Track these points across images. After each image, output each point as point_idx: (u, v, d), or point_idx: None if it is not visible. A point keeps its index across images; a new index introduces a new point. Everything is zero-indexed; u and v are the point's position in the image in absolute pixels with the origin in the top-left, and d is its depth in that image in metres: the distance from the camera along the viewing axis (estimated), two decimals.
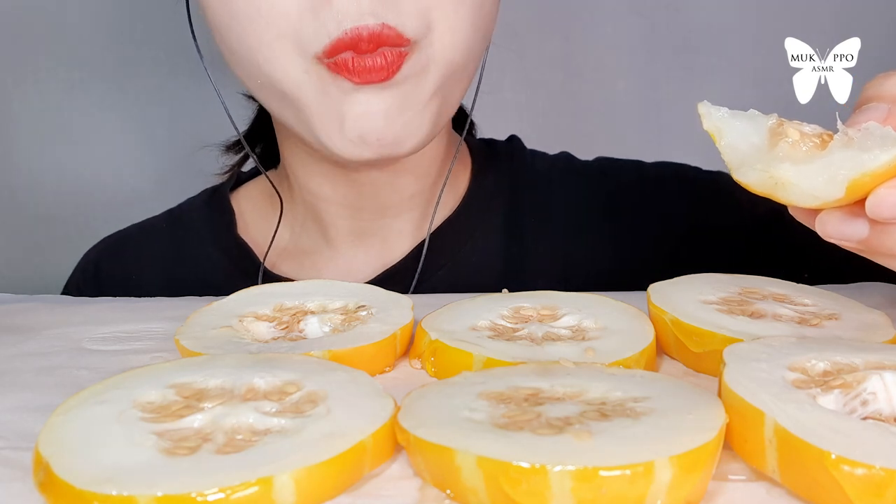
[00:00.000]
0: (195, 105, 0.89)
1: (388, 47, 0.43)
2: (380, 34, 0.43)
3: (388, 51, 0.44)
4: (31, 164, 0.91)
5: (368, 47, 0.43)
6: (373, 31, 0.43)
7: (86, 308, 0.47)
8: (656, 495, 0.23)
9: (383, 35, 0.43)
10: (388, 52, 0.44)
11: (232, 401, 0.28)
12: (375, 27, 0.43)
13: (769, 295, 0.39)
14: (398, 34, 0.43)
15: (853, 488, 0.22)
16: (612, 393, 0.28)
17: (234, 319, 0.39)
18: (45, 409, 0.29)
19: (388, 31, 0.43)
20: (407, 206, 0.56)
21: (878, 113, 0.29)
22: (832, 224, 0.30)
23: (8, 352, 0.40)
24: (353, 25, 0.42)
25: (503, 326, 0.37)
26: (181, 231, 0.62)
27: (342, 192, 0.55)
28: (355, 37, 0.43)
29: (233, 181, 0.64)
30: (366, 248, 0.57)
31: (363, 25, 0.42)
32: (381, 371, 0.37)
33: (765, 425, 0.25)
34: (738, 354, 0.29)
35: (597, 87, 0.93)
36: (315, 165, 0.54)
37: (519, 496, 0.23)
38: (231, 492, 0.23)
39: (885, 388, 0.26)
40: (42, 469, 0.25)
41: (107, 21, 0.90)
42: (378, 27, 0.43)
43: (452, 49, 0.46)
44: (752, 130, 0.31)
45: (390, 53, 0.44)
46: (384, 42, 0.43)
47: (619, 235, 0.58)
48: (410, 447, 0.26)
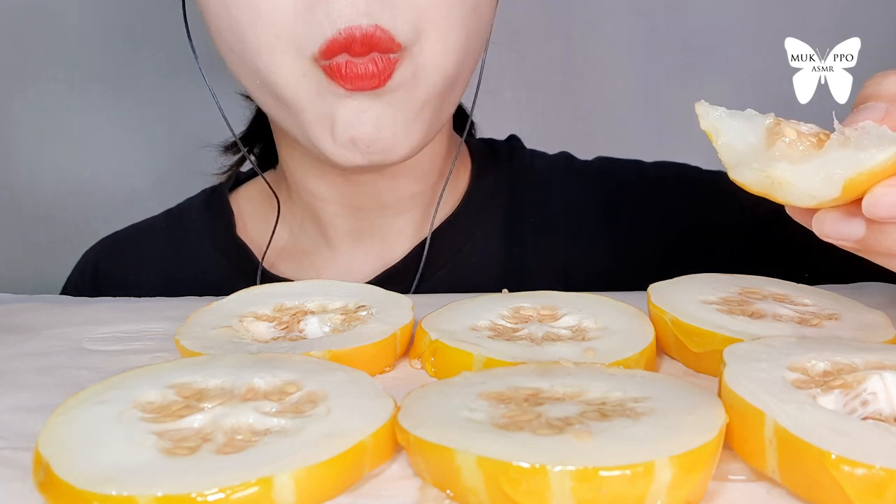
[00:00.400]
0: (195, 105, 0.89)
1: (379, 53, 0.44)
2: (372, 35, 0.43)
3: (380, 58, 0.44)
4: (31, 164, 0.91)
5: (361, 49, 0.43)
6: (366, 33, 0.43)
7: (86, 308, 0.47)
8: (656, 495, 0.23)
9: (375, 37, 0.43)
10: (379, 60, 0.44)
11: (232, 401, 0.28)
12: (369, 28, 0.43)
13: (769, 295, 0.39)
14: (390, 37, 0.43)
15: (853, 488, 0.22)
16: (612, 393, 0.28)
17: (234, 319, 0.39)
18: (45, 409, 0.29)
19: (380, 34, 0.43)
20: (407, 206, 0.56)
21: (876, 112, 0.29)
22: (829, 223, 0.30)
23: (8, 352, 0.40)
24: (347, 25, 0.43)
25: (503, 326, 0.37)
26: (180, 231, 0.62)
27: (340, 192, 0.55)
28: (349, 37, 0.43)
29: (232, 181, 0.64)
30: (365, 248, 0.57)
31: (356, 26, 0.43)
32: (381, 371, 0.37)
33: (765, 425, 0.25)
34: (738, 354, 0.29)
35: (597, 87, 0.93)
36: (312, 165, 0.54)
37: (519, 496, 0.23)
38: (231, 492, 0.23)
39: (885, 388, 0.26)
40: (42, 469, 0.24)
41: (107, 22, 0.90)
42: (371, 28, 0.43)
43: (444, 56, 0.46)
44: (748, 130, 0.31)
45: (381, 61, 0.44)
46: (376, 45, 0.43)
47: (618, 235, 0.58)
48: (410, 447, 0.26)
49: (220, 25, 0.47)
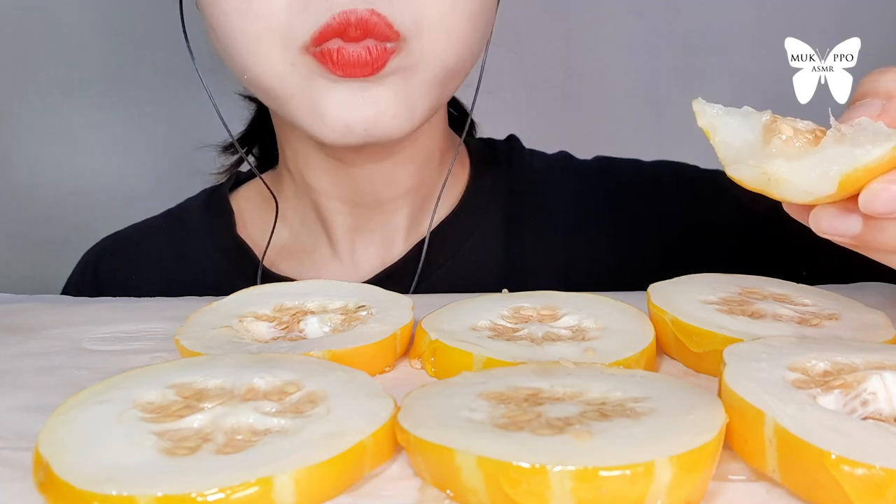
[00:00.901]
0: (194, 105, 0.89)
1: (374, 40, 0.43)
2: (367, 20, 0.43)
3: (374, 45, 0.43)
4: (31, 164, 0.91)
5: (356, 34, 0.43)
6: (361, 17, 0.42)
7: (86, 308, 0.47)
8: (656, 495, 0.23)
9: (371, 22, 0.43)
10: (373, 47, 0.43)
11: (232, 401, 0.28)
12: (364, 13, 0.42)
13: (769, 295, 0.39)
14: (387, 24, 0.43)
15: (853, 488, 0.22)
16: (612, 393, 0.28)
17: (234, 319, 0.39)
18: (45, 409, 0.29)
19: (376, 19, 0.43)
20: (403, 202, 0.56)
21: (872, 109, 0.29)
22: (825, 219, 0.30)
23: (8, 352, 0.40)
24: (343, 10, 0.42)
25: (503, 326, 0.37)
26: (180, 231, 0.62)
27: (340, 186, 0.55)
28: (343, 21, 0.42)
29: (232, 181, 0.64)
30: (365, 246, 0.57)
31: (352, 10, 0.42)
32: (381, 371, 0.37)
33: (765, 425, 0.25)
34: (738, 354, 0.29)
35: (597, 87, 0.93)
36: (314, 158, 0.54)
37: (519, 496, 0.23)
38: (231, 492, 0.23)
39: (885, 388, 0.26)
40: (42, 469, 0.25)
41: (106, 22, 0.90)
42: (367, 13, 0.42)
43: (447, 50, 0.46)
44: (745, 127, 0.31)
45: (375, 49, 0.43)
46: (371, 31, 0.43)
47: (618, 235, 0.58)
48: (410, 447, 0.26)
49: (213, 21, 0.47)
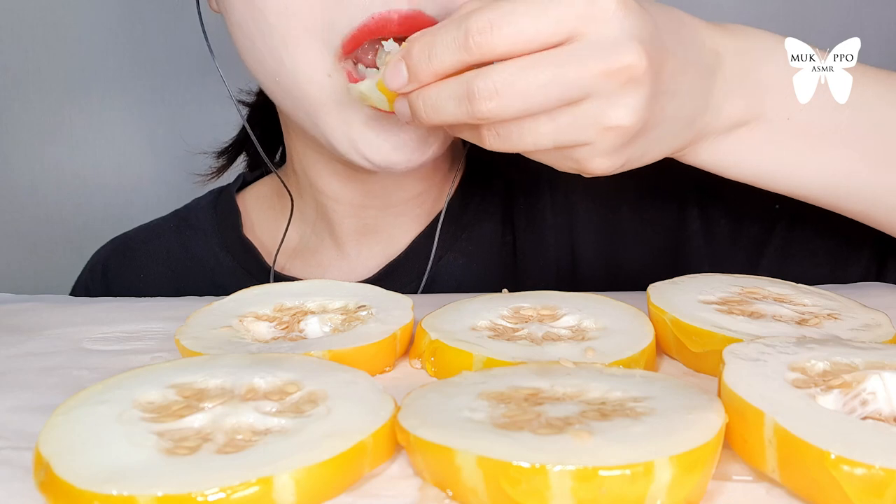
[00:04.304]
0: (195, 106, 0.89)
1: None
2: (414, 18, 0.40)
3: None
4: (32, 164, 0.92)
5: (399, 29, 0.40)
6: (403, 15, 0.40)
7: (86, 308, 0.47)
8: (656, 495, 0.23)
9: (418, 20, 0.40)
10: None
11: (232, 401, 0.28)
12: (409, 12, 0.40)
13: (769, 295, 0.39)
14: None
15: (853, 488, 0.22)
16: (611, 393, 0.28)
17: (235, 319, 0.39)
18: (46, 409, 0.29)
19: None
20: (411, 205, 0.56)
21: None
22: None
23: (8, 352, 0.40)
24: (384, 10, 0.40)
25: (503, 326, 0.37)
26: (188, 231, 0.62)
27: (350, 191, 0.55)
28: (382, 20, 0.40)
29: (239, 182, 0.64)
30: (370, 246, 0.57)
31: (394, 10, 0.40)
32: (381, 371, 0.37)
33: (765, 425, 0.25)
34: (738, 354, 0.29)
35: None
36: (325, 164, 0.54)
37: (519, 496, 0.23)
38: (231, 492, 0.23)
39: (884, 388, 0.26)
40: (42, 469, 0.25)
41: (107, 22, 0.90)
42: (413, 12, 0.40)
43: None
44: None
45: None
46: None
47: (618, 234, 0.58)
48: (410, 447, 0.26)
49: (243, 21, 0.45)
